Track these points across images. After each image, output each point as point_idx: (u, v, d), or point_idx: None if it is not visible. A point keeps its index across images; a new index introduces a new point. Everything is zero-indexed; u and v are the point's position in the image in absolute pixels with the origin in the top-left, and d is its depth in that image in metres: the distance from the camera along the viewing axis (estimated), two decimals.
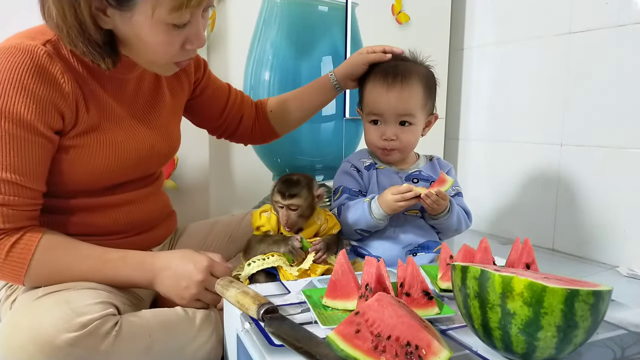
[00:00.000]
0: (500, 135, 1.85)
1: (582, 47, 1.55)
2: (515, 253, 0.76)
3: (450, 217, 1.02)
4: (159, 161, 0.98)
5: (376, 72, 1.05)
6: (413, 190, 0.95)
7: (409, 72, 1.03)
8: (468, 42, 1.96)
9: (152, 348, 0.75)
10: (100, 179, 0.86)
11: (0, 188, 0.73)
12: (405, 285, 0.68)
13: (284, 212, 0.91)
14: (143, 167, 0.93)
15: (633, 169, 1.43)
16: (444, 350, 0.51)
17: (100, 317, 0.69)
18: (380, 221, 0.99)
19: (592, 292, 0.51)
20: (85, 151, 0.82)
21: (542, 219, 1.68)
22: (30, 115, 0.73)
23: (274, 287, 0.80)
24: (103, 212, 0.88)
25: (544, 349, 0.52)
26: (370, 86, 1.05)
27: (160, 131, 0.94)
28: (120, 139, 0.86)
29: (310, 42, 1.33)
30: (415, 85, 1.02)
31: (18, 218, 0.75)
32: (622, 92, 1.45)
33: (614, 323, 0.67)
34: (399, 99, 1.01)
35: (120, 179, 0.89)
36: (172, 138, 1.00)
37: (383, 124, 1.03)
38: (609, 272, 1.45)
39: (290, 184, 0.91)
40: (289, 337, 0.58)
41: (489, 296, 0.53)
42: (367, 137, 1.07)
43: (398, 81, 1.01)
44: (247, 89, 1.36)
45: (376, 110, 1.03)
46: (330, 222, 0.98)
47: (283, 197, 0.90)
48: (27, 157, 0.74)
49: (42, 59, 0.74)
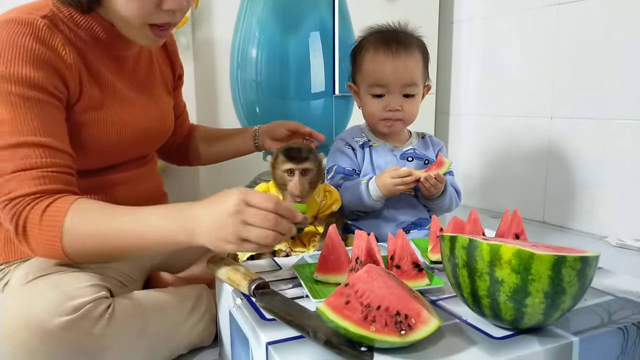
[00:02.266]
0: (491, 109, 1.84)
1: (571, 18, 1.53)
2: (505, 224, 0.77)
3: (444, 198, 1.02)
4: (154, 142, 0.98)
5: (375, 41, 1.01)
6: (413, 174, 0.94)
7: (409, 41, 1.01)
8: (457, 15, 1.93)
9: (145, 330, 0.75)
10: (99, 158, 0.85)
11: (29, 152, 0.70)
12: (396, 257, 0.68)
13: (297, 180, 0.88)
14: (140, 147, 0.93)
15: (621, 140, 1.44)
16: (433, 319, 0.52)
17: (92, 300, 0.69)
18: (377, 202, 0.99)
19: (579, 257, 0.51)
20: (88, 129, 0.80)
21: (533, 192, 1.70)
22: (38, 75, 0.72)
23: (266, 263, 0.80)
24: (99, 192, 0.87)
25: (532, 315, 0.53)
26: (371, 56, 1.01)
27: (155, 110, 0.94)
28: (124, 118, 0.85)
29: (297, 17, 1.30)
30: (417, 54, 1.01)
31: (53, 180, 0.71)
32: (611, 63, 1.44)
33: (602, 289, 0.68)
34: (405, 68, 0.99)
35: (119, 159, 0.89)
36: (167, 119, 1.00)
37: (387, 95, 1.01)
38: (599, 242, 1.47)
39: (297, 149, 0.90)
40: (280, 311, 0.58)
41: (477, 265, 0.53)
42: (368, 110, 1.04)
43: (402, 49, 0.98)
44: (234, 67, 1.34)
45: (382, 80, 0.99)
46: (329, 199, 0.96)
47: (297, 161, 0.88)
48: (46, 119, 0.73)
49: (42, 30, 0.74)
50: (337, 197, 0.97)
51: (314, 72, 1.30)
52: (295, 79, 1.29)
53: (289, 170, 0.89)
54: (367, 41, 1.04)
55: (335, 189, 0.99)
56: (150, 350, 0.76)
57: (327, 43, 1.31)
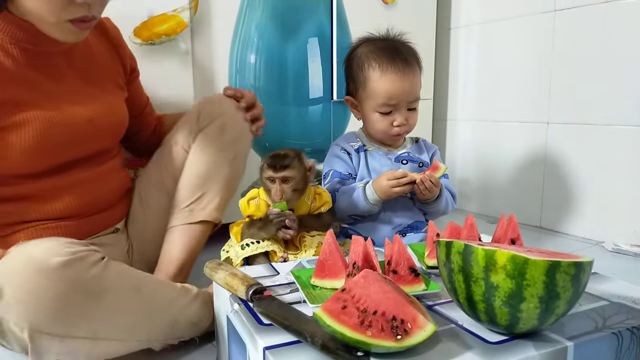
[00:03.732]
0: (488, 115, 1.85)
1: (568, 25, 1.55)
2: (501, 229, 0.77)
3: (439, 202, 1.03)
4: (104, 137, 0.95)
5: (378, 57, 1.01)
6: (408, 175, 0.96)
7: (410, 56, 1.02)
8: (455, 21, 1.95)
9: (140, 288, 0.76)
10: (38, 159, 0.83)
11: None
12: (392, 262, 0.69)
13: (278, 187, 0.90)
14: (86, 144, 0.90)
15: (618, 146, 1.45)
16: (429, 324, 0.52)
17: (87, 250, 0.71)
18: (374, 206, 0.99)
19: (573, 263, 0.51)
20: (14, 133, 0.79)
21: (529, 197, 1.70)
22: None
23: (263, 268, 0.81)
24: (56, 196, 0.86)
25: (527, 320, 0.53)
26: (378, 75, 1.00)
27: (100, 105, 0.92)
28: (57, 116, 0.83)
29: (295, 23, 1.31)
30: (417, 68, 1.03)
31: None
32: (607, 69, 1.45)
33: (597, 295, 0.69)
34: (412, 86, 1.01)
35: (63, 158, 0.87)
36: (117, 113, 0.97)
37: (394, 112, 1.02)
38: (595, 247, 1.47)
39: (280, 156, 0.91)
40: (277, 316, 0.58)
41: (472, 270, 0.54)
42: (376, 127, 1.04)
43: (408, 67, 1.00)
44: (232, 73, 1.34)
45: (392, 100, 1.00)
46: (318, 201, 0.98)
47: (275, 169, 0.89)
48: None
49: None
50: (328, 199, 0.99)
51: (312, 77, 1.31)
52: (293, 85, 1.30)
53: (270, 177, 0.91)
54: (367, 56, 1.03)
55: (326, 191, 1.00)
56: (148, 313, 0.77)
57: (325, 49, 1.32)
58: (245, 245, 0.91)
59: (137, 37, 1.31)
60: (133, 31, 1.30)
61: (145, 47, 1.33)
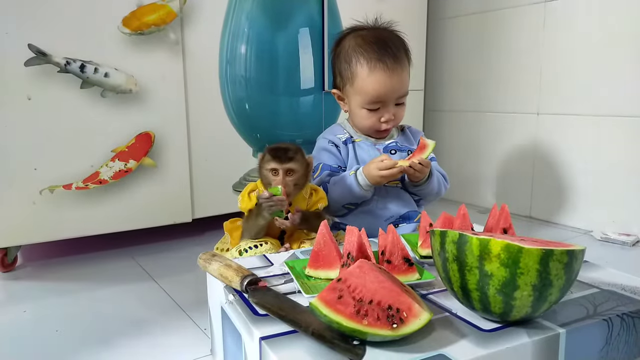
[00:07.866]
0: (478, 105, 1.86)
1: (558, 16, 1.55)
2: (493, 219, 0.78)
3: (431, 182, 1.03)
4: None
5: (366, 52, 0.99)
6: (397, 165, 0.95)
7: (399, 50, 1.00)
8: (446, 12, 1.95)
9: None
10: None
11: None
12: (386, 252, 0.69)
13: (281, 180, 0.89)
14: None
15: (607, 137, 1.47)
16: (424, 313, 0.52)
17: None
18: (367, 192, 0.99)
19: (566, 251, 0.52)
20: None
21: (520, 188, 1.72)
22: None
23: (257, 259, 0.81)
24: None
25: (520, 308, 0.54)
26: (366, 73, 0.99)
27: None
28: None
29: (286, 13, 1.30)
30: (405, 62, 1.02)
31: None
32: (597, 60, 1.46)
33: (587, 282, 0.70)
34: (400, 82, 1.00)
35: None
36: None
37: (382, 108, 1.01)
38: (584, 236, 1.49)
39: (283, 149, 0.90)
40: (272, 307, 0.58)
41: (467, 259, 0.54)
42: (363, 122, 1.04)
43: (397, 64, 0.98)
44: (223, 64, 1.33)
45: (380, 98, 0.99)
46: (314, 197, 0.97)
47: (281, 161, 0.88)
48: None
49: None
50: (324, 195, 0.99)
51: (303, 68, 1.30)
52: (284, 75, 1.29)
53: (273, 169, 0.89)
54: (354, 50, 1.01)
55: (321, 189, 1.00)
56: None
57: (316, 39, 1.31)
58: (243, 251, 0.90)
59: (126, 27, 1.29)
60: (122, 21, 1.29)
61: (135, 37, 1.31)
